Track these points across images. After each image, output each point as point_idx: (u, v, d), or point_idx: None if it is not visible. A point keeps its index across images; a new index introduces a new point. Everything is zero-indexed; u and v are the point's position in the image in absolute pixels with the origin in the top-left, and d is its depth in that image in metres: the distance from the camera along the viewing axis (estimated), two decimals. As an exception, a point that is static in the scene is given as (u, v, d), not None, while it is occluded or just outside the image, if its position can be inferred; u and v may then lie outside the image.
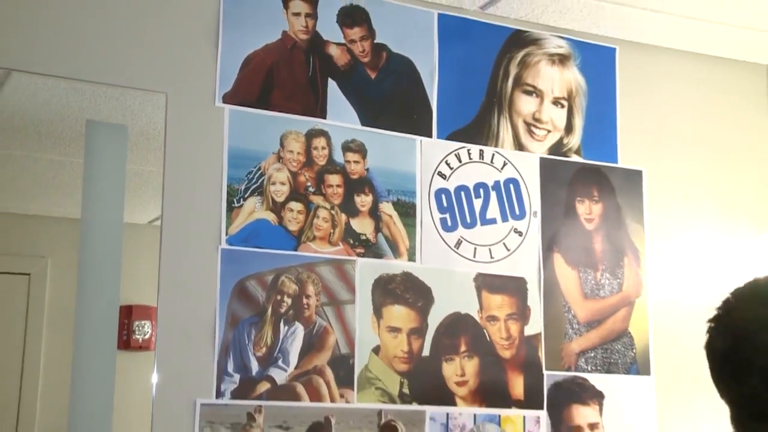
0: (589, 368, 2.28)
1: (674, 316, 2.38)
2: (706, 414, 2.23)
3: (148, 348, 1.94)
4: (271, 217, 1.99)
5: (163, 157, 1.90)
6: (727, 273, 2.38)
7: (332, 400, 1.98)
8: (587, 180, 2.37)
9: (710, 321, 1.22)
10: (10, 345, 2.04)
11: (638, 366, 2.34)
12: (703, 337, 1.22)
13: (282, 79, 2.05)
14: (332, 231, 2.05)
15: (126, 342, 2.03)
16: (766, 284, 1.23)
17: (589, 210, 2.35)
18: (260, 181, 1.99)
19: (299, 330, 1.98)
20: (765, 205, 2.57)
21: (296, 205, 2.01)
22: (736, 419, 1.17)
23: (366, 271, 2.07)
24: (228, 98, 1.97)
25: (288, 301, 1.98)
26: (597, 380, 2.26)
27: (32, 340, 2.06)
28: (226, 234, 1.93)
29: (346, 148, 2.10)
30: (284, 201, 2.01)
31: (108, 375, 1.86)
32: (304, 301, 2.00)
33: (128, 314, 2.05)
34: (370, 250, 2.09)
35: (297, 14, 2.07)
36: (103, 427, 1.84)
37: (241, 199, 1.96)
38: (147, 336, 1.99)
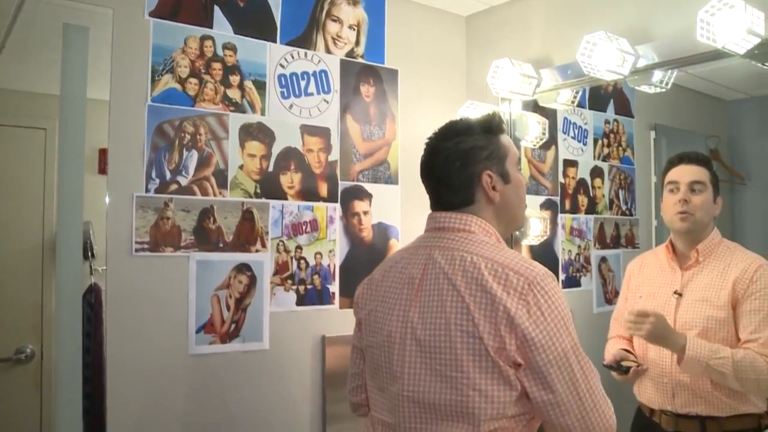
0: (365, 180, 2.70)
1: (412, 152, 2.74)
2: (416, 205, 2.51)
3: (114, 171, 1.99)
4: (178, 86, 2.25)
5: (111, 50, 2.13)
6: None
7: (215, 195, 2.29)
8: (367, 73, 2.74)
9: (426, 143, 1.50)
10: (34, 178, 2.29)
11: (392, 179, 2.78)
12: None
13: (186, 3, 2.29)
14: (215, 96, 2.32)
15: (103, 169, 2.21)
16: (457, 122, 1.46)
17: (368, 91, 2.74)
18: (172, 65, 2.23)
19: (194, 154, 2.27)
20: (459, 90, 2.95)
21: (193, 80, 2.28)
22: (431, 202, 1.51)
23: (235, 120, 2.37)
24: (152, 14, 2.21)
25: (188, 137, 2.26)
26: (369, 187, 2.71)
27: (49, 175, 2.29)
28: (151, 96, 2.19)
29: (225, 47, 2.36)
30: (186, 77, 2.27)
31: (79, 188, 2.10)
32: (198, 137, 2.27)
33: (104, 153, 2.21)
34: (238, 108, 2.37)
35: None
36: (76, 217, 2.09)
37: (160, 75, 2.21)
38: (113, 164, 1.98)
